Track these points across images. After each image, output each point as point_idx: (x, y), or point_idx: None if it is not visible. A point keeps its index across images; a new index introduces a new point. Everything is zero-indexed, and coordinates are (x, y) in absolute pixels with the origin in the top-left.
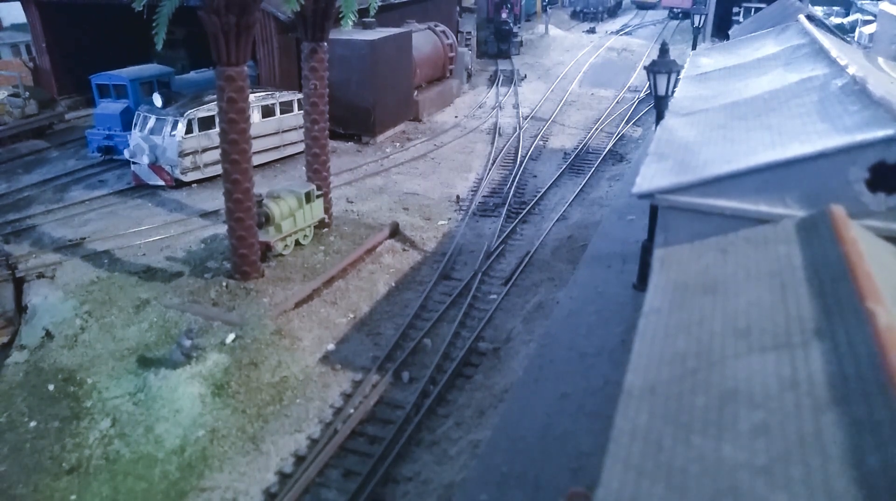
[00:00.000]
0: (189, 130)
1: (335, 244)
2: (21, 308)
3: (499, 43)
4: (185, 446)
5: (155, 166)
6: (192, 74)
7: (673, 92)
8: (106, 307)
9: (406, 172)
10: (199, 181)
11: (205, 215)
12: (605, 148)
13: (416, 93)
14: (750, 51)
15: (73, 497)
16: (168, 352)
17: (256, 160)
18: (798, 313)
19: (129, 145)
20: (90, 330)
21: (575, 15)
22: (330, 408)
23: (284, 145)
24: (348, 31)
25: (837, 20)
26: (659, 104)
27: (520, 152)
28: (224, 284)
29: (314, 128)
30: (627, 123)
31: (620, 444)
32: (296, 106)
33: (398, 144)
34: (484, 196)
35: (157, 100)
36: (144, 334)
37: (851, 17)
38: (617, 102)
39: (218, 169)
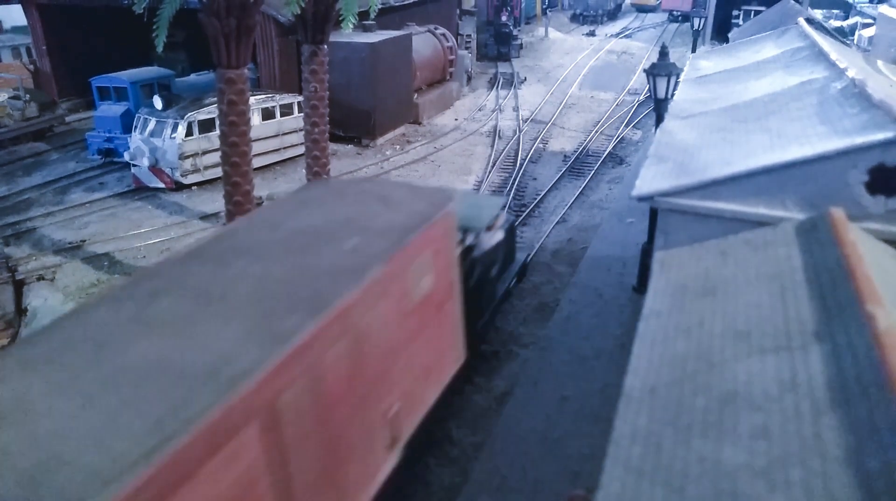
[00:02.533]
0: (189, 133)
1: None
2: (21, 311)
3: (499, 46)
4: None
5: (155, 169)
6: (193, 77)
7: (673, 95)
8: None
9: (406, 174)
10: (199, 184)
11: (205, 217)
12: (605, 151)
13: (416, 95)
14: (749, 54)
15: None
16: None
17: (256, 163)
18: (798, 315)
19: (129, 148)
20: None
21: (575, 18)
22: None
23: (284, 148)
24: (348, 34)
25: (837, 23)
26: (659, 107)
27: (520, 155)
28: None
29: (314, 130)
30: (627, 125)
31: (620, 446)
32: (296, 109)
33: (398, 146)
34: None
35: (158, 102)
36: None
37: (851, 21)
38: (617, 105)
39: (218, 171)
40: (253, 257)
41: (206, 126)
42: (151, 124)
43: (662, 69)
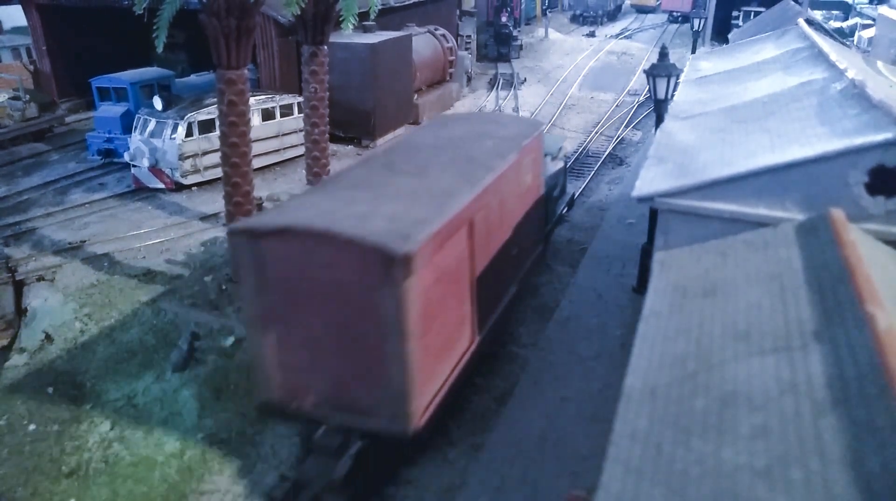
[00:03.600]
0: (189, 134)
1: None
2: (21, 311)
3: (499, 46)
4: (185, 449)
5: (155, 169)
6: (193, 78)
7: (672, 95)
8: (106, 310)
9: None
10: (199, 184)
11: (205, 218)
12: (605, 151)
13: (416, 96)
14: (749, 54)
15: (73, 500)
16: (168, 355)
17: (256, 163)
18: (797, 316)
19: (129, 148)
20: (90, 333)
21: (575, 19)
22: None
23: (284, 149)
24: (348, 35)
25: (836, 24)
26: (658, 108)
27: None
28: (224, 287)
29: (314, 131)
30: (627, 126)
31: (620, 447)
32: (296, 109)
33: None
34: None
35: (158, 103)
36: (144, 337)
37: (850, 22)
38: (616, 106)
39: (218, 172)
40: (433, 148)
41: (206, 127)
42: (151, 125)
43: (662, 70)
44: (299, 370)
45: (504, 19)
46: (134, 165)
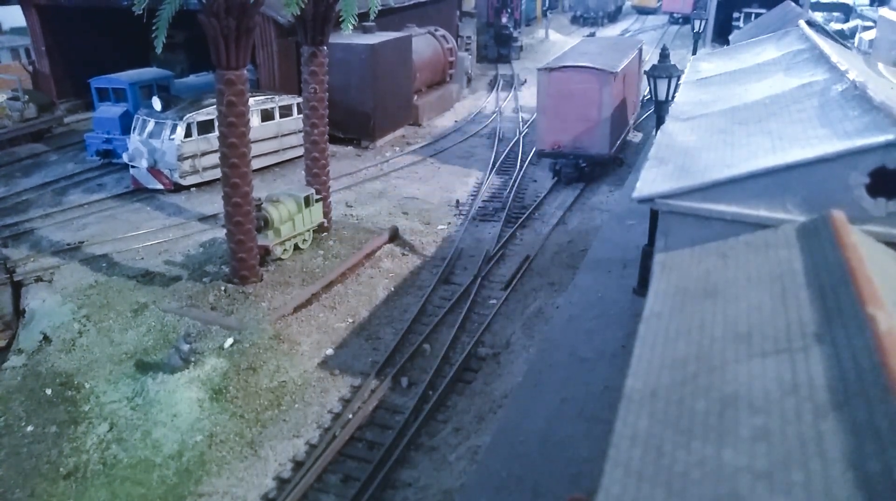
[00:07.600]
0: (188, 134)
1: (334, 249)
2: (19, 312)
3: (499, 47)
4: (183, 451)
5: (154, 170)
6: (192, 78)
7: (673, 97)
8: (104, 311)
9: (406, 176)
10: (197, 185)
11: (203, 218)
12: None
13: (415, 97)
14: (750, 56)
15: None
16: (166, 356)
17: (255, 164)
18: (799, 317)
19: (127, 149)
20: (88, 334)
21: (575, 20)
22: (328, 413)
23: (284, 149)
24: (348, 35)
25: (837, 26)
26: (659, 109)
27: (520, 157)
28: (222, 288)
29: (314, 132)
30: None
31: (621, 449)
32: (295, 110)
33: (398, 148)
34: (484, 201)
35: (157, 103)
36: (142, 338)
37: (851, 23)
38: None
39: (217, 173)
40: (597, 47)
41: (204, 127)
42: (150, 125)
43: (663, 71)
44: (557, 132)
45: (504, 20)
46: (133, 166)
